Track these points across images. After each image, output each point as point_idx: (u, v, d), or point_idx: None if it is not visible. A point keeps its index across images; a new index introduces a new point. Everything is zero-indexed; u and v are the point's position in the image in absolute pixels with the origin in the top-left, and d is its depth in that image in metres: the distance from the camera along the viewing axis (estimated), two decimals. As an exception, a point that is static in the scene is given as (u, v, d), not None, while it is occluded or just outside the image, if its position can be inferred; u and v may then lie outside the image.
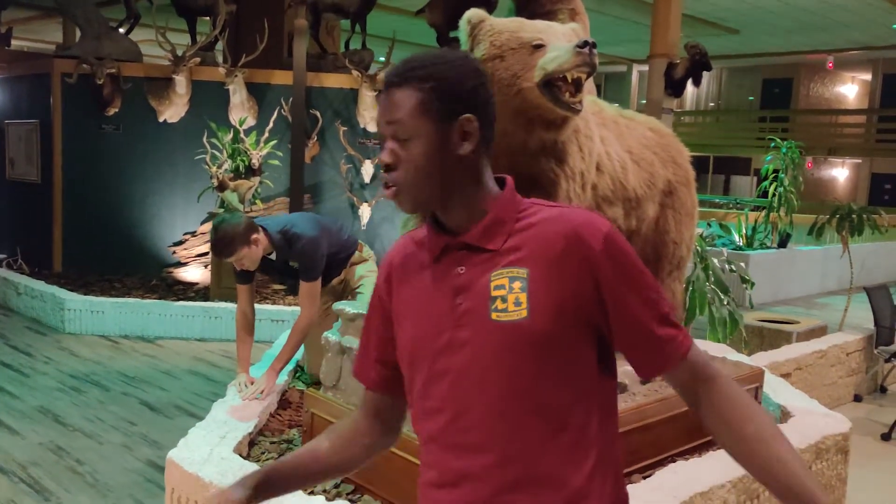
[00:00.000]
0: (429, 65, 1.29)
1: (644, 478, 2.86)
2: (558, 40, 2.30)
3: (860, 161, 22.08)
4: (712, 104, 24.72)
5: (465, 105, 1.28)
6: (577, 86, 2.26)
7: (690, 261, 5.46)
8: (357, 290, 3.91)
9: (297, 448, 1.42)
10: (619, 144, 2.89)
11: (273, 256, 3.64)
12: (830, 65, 20.27)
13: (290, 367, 3.97)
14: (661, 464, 2.99)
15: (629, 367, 2.84)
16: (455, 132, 1.28)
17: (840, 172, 23.48)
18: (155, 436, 4.33)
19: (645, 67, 12.19)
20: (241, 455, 2.75)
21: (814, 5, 14.26)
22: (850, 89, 23.76)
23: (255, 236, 3.49)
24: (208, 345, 6.49)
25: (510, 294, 1.25)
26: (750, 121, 22.89)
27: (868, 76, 22.18)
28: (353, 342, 2.70)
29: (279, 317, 6.49)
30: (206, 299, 7.06)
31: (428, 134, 1.27)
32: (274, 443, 3.05)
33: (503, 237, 1.29)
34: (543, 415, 1.25)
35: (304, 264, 3.62)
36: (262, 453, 2.93)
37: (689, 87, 9.22)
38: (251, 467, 2.59)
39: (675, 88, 9.04)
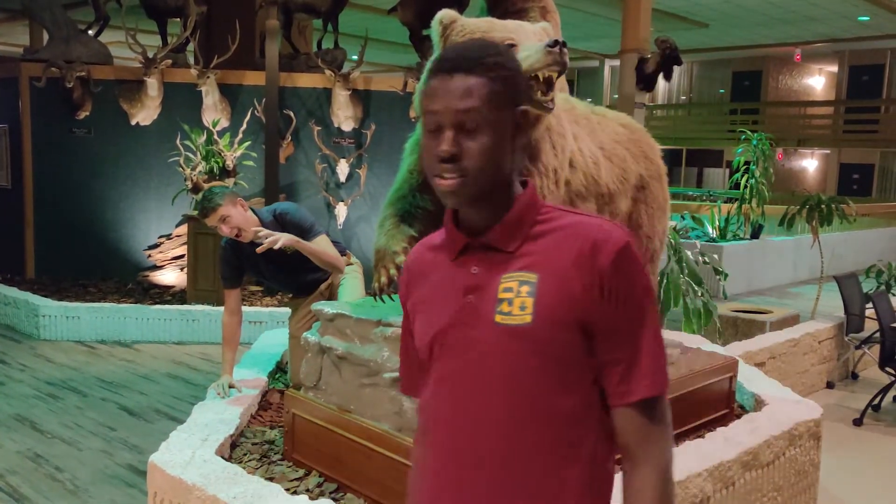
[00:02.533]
0: (492, 54, 1.27)
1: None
2: (529, 40, 2.33)
3: (829, 152, 22.40)
4: (684, 98, 24.94)
5: (521, 97, 1.29)
6: (549, 84, 2.29)
7: (664, 253, 5.54)
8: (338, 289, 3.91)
9: None
10: (591, 141, 2.93)
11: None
12: (798, 57, 20.54)
13: (270, 367, 3.97)
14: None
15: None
16: (513, 124, 1.28)
17: (809, 163, 23.81)
18: (135, 440, 4.31)
19: (617, 62, 12.29)
20: (223, 457, 2.75)
21: (781, -1, 14.47)
22: (818, 81, 24.09)
23: (241, 200, 3.58)
24: (186, 348, 6.46)
25: (517, 298, 1.25)
26: (721, 113, 23.13)
27: (834, 68, 22.49)
28: (332, 342, 2.72)
29: (257, 318, 6.48)
30: (182, 302, 7.02)
31: (498, 124, 1.25)
32: (256, 444, 3.06)
33: (519, 240, 1.29)
34: (544, 423, 1.24)
35: (302, 227, 3.61)
36: (244, 455, 2.94)
37: (661, 81, 9.33)
38: (234, 469, 2.60)
39: (646, 83, 9.13)
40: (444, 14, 2.41)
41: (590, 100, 3.38)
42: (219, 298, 6.60)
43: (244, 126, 7.45)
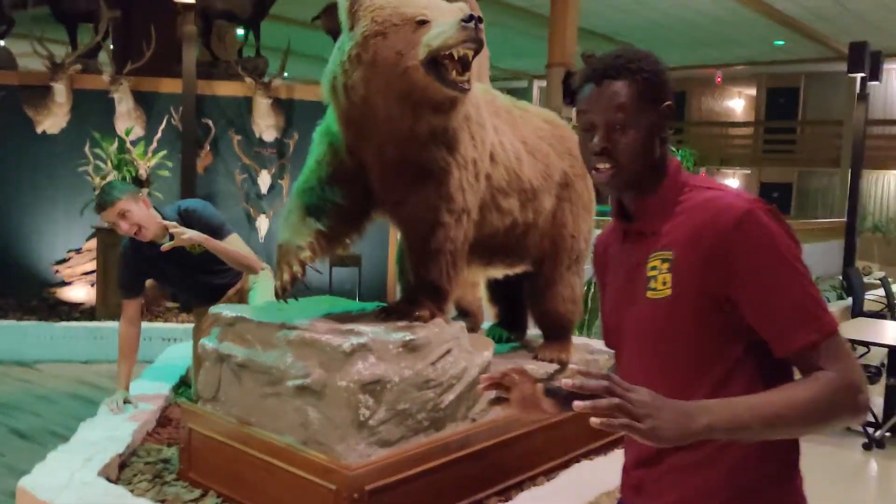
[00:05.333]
0: (635, 59, 1.41)
1: (548, 479, 2.75)
2: (444, 17, 2.18)
3: (749, 171, 23.07)
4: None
5: (666, 93, 1.43)
6: (465, 64, 2.14)
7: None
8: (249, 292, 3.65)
9: None
10: (512, 134, 2.79)
11: (167, 241, 3.32)
12: (719, 79, 21.12)
13: (173, 381, 3.69)
14: (566, 464, 2.89)
15: (529, 366, 2.71)
16: (660, 118, 1.42)
17: (732, 182, 24.45)
18: (24, 465, 3.89)
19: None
20: (108, 479, 2.48)
21: (702, 21, 14.81)
22: (738, 103, 24.82)
23: (143, 197, 3.34)
24: (94, 367, 6.05)
25: (660, 275, 1.38)
26: (647, 133, 23.51)
27: (753, 91, 23.23)
28: (231, 349, 2.48)
29: (171, 335, 6.13)
30: (92, 319, 6.62)
31: (645, 120, 1.40)
32: (149, 463, 2.78)
33: (662, 221, 1.41)
34: (683, 368, 1.36)
35: (211, 226, 3.34)
36: (135, 475, 2.66)
37: None
38: (118, 492, 2.33)
39: (573, 98, 9.14)
40: (352, -11, 2.23)
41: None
42: (129, 314, 6.22)
43: (159, 134, 7.13)
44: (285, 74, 7.70)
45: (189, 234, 3.07)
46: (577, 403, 1.18)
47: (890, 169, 18.41)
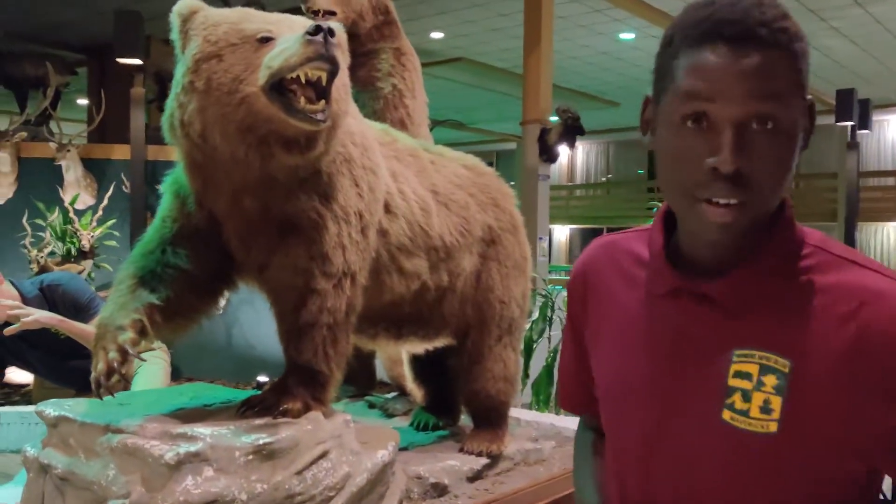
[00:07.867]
0: (786, 15, 0.90)
1: None
2: (294, 33, 1.74)
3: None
4: (604, 179, 25.08)
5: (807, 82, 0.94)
6: (319, 90, 1.69)
7: (544, 324, 4.94)
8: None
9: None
10: (418, 182, 2.33)
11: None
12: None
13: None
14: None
15: (450, 462, 2.12)
16: (805, 122, 0.93)
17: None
18: None
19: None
20: None
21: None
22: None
23: None
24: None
25: (757, 391, 0.91)
26: (639, 192, 23.27)
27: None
28: (52, 457, 1.97)
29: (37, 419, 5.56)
30: (30, 402, 6.08)
31: (799, 123, 0.92)
32: None
33: (762, 298, 0.93)
34: None
35: (78, 303, 2.91)
36: None
37: (580, 161, 9.02)
38: None
39: (549, 154, 8.77)
40: (183, 5, 1.80)
41: (512, 183, 2.79)
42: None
43: (105, 202, 6.73)
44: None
45: (36, 316, 2.60)
46: None
47: (886, 221, 18.03)
